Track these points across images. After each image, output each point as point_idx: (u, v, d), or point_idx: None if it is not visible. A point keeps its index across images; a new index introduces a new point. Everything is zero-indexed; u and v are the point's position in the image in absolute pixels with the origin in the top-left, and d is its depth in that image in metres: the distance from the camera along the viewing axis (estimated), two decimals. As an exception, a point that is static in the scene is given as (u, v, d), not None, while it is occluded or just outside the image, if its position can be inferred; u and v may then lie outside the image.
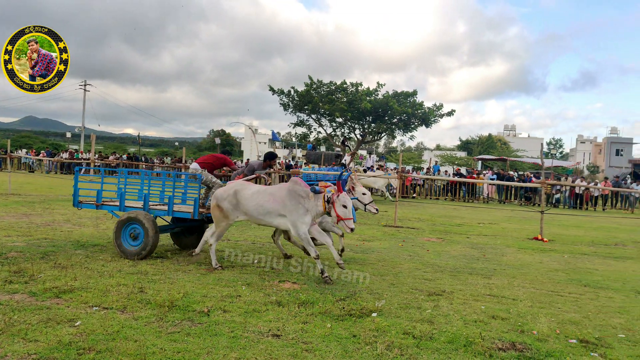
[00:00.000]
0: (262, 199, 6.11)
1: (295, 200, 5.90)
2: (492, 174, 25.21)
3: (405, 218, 13.56)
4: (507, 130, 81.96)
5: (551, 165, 29.75)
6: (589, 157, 74.75)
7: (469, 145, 61.24)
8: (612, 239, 11.49)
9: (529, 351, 3.84)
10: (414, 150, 72.07)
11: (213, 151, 72.20)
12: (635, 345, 4.12)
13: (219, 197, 6.33)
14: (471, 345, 3.88)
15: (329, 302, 4.87)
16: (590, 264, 8.01)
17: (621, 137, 65.78)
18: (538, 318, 4.70)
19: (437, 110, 28.76)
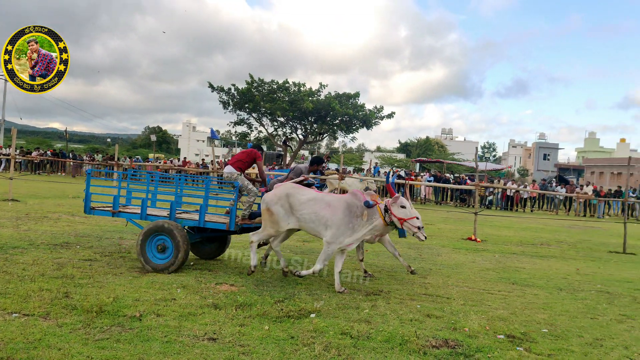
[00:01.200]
0: (318, 207, 5.74)
1: (349, 217, 5.63)
2: (430, 176, 26.15)
3: (345, 219, 13.74)
4: (445, 134, 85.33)
5: (485, 168, 31.31)
6: (519, 160, 79.39)
7: (408, 147, 63.15)
8: (538, 238, 12.28)
9: (461, 347, 4.02)
10: (355, 152, 73.38)
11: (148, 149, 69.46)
12: (557, 339, 4.43)
13: (269, 200, 5.91)
14: (406, 344, 4.01)
15: (267, 303, 4.86)
16: (519, 263, 8.52)
17: (548, 142, 70.42)
18: (470, 315, 4.94)
19: (378, 112, 29.47)
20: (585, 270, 8.16)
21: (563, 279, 7.32)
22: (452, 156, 53.16)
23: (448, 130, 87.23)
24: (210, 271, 6.22)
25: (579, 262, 9.11)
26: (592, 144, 78.89)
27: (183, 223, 6.25)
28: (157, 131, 79.98)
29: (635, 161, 41.44)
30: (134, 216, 6.52)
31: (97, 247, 7.41)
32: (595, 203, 22.34)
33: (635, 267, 8.83)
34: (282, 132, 31.78)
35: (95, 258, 6.58)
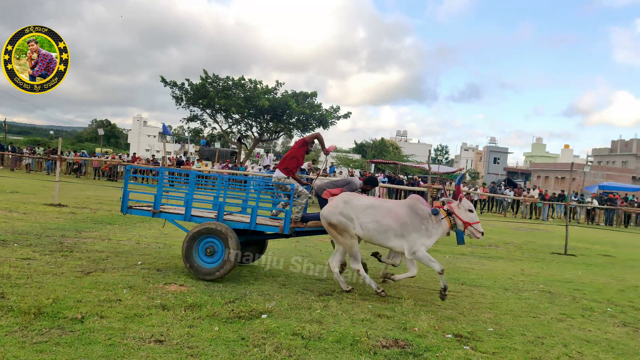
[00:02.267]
0: (379, 214, 5.60)
1: (417, 220, 5.54)
2: (384, 177, 26.57)
3: (299, 218, 13.76)
4: (400, 136, 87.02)
5: (438, 170, 32.16)
6: (471, 163, 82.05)
7: (364, 148, 63.94)
8: (487, 240, 12.74)
9: (410, 347, 4.12)
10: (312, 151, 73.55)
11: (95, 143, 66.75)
12: (502, 338, 4.62)
13: (327, 214, 5.75)
14: (357, 344, 4.07)
15: (217, 304, 4.80)
16: (468, 264, 8.81)
17: (499, 146, 73.14)
18: (419, 315, 5.07)
19: (335, 112, 29.67)
20: (529, 271, 8.54)
21: (509, 279, 7.64)
22: (406, 158, 54.26)
23: (403, 132, 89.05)
24: (160, 271, 6.07)
25: (524, 263, 9.53)
26: (539, 149, 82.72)
27: (231, 225, 5.98)
28: (105, 125, 77.17)
29: (578, 167, 43.79)
30: (177, 217, 6.20)
31: (36, 245, 7.07)
32: (541, 206, 23.42)
33: (575, 268, 9.32)
34: (237, 129, 31.43)
35: (34, 257, 6.27)
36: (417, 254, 5.49)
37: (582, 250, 12.32)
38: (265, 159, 29.50)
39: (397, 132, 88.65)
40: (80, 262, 6.16)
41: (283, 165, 6.59)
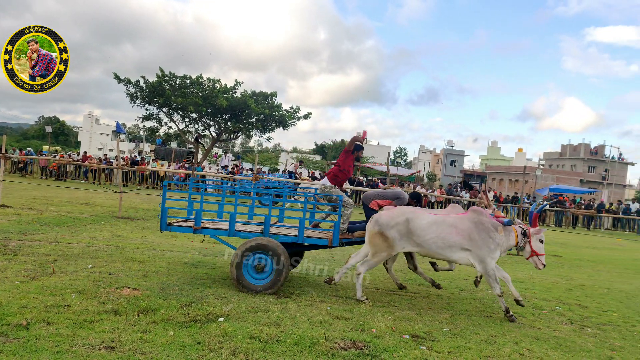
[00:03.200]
0: (443, 230, 5.60)
1: (484, 234, 5.55)
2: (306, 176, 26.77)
3: (258, 220, 13.68)
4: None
5: (396, 172, 32.70)
6: (428, 166, 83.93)
7: (325, 149, 64.26)
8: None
9: (368, 348, 4.18)
10: (271, 152, 73.26)
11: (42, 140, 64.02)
12: (457, 337, 4.75)
13: (384, 223, 5.66)
14: (315, 346, 4.09)
15: (172, 308, 4.71)
16: (425, 265, 8.98)
17: (456, 149, 75.20)
18: (377, 317, 5.14)
19: (295, 112, 29.65)
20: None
21: (464, 279, 7.86)
22: (366, 159, 54.91)
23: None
24: (112, 274, 5.90)
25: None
26: (494, 152, 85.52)
27: (279, 239, 5.85)
28: (54, 122, 74.17)
29: (530, 170, 45.58)
30: (221, 232, 5.99)
31: (-23, 248, 6.71)
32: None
33: (526, 268, 9.68)
34: (195, 129, 30.89)
35: (-26, 261, 5.95)
36: (488, 270, 5.55)
37: (534, 250, 12.81)
38: (224, 159, 29.13)
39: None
40: (25, 265, 5.90)
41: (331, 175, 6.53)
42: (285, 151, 72.04)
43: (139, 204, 14.79)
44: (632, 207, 27.35)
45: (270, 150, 77.93)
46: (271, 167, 40.86)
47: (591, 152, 59.75)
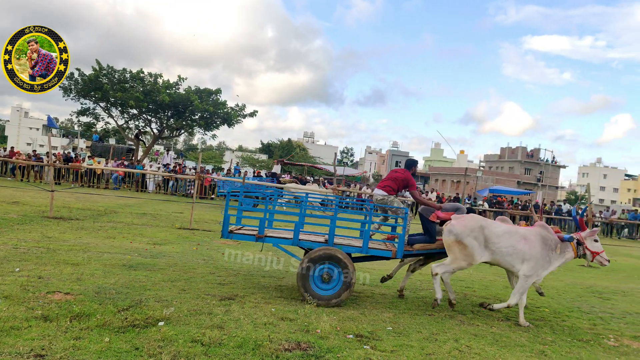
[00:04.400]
0: (515, 240, 5.81)
1: (546, 250, 5.81)
2: (291, 178, 26.81)
3: (202, 220, 13.45)
4: (307, 137, 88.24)
5: (343, 172, 33.10)
6: (375, 166, 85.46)
7: (271, 148, 63.99)
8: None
9: (312, 349, 4.20)
10: (216, 150, 72.03)
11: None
12: (400, 336, 4.87)
13: (459, 232, 5.75)
14: (259, 348, 4.07)
15: (109, 313, 4.54)
16: (370, 265, 9.13)
17: (401, 150, 77.15)
18: (322, 317, 5.18)
19: (240, 110, 29.34)
20: (426, 271, 9.06)
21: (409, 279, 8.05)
22: (313, 159, 55.17)
23: (310, 133, 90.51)
24: (41, 278, 5.60)
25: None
26: (437, 154, 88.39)
27: (343, 249, 5.85)
28: (-23, 114, 69.29)
29: (471, 171, 47.43)
30: (284, 241, 5.99)
31: None
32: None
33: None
34: (135, 125, 29.87)
35: None
36: (526, 284, 5.79)
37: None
38: (166, 157, 28.31)
39: (305, 133, 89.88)
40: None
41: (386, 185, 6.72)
42: (230, 149, 71.04)
43: (73, 203, 14.13)
44: (563, 207, 29.10)
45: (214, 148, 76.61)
46: (215, 166, 40.13)
47: (528, 155, 63.00)
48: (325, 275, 5.72)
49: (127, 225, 11.06)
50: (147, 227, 11.03)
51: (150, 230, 10.56)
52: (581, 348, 5.12)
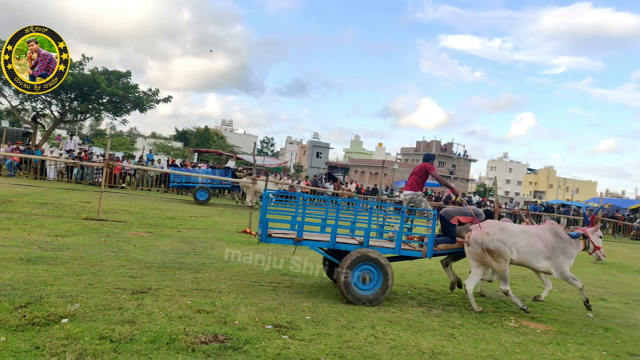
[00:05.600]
0: (532, 239, 6.26)
1: (563, 244, 6.31)
2: (208, 167, 26.23)
3: (111, 210, 12.80)
4: (225, 125, 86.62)
5: (263, 162, 32.90)
6: (295, 156, 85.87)
7: (187, 135, 62.09)
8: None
9: (230, 341, 4.19)
10: (126, 136, 68.56)
11: None
12: (318, 324, 4.98)
13: (484, 240, 6.18)
14: (174, 342, 3.98)
15: (4, 310, 4.22)
16: (290, 255, 9.23)
17: (321, 141, 77.98)
18: (240, 308, 5.17)
19: (153, 95, 28.17)
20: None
21: (326, 268, 8.23)
22: (231, 148, 54.30)
23: (229, 121, 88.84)
24: None
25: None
26: (357, 146, 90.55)
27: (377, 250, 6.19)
28: None
29: (389, 163, 49.19)
30: (322, 244, 6.28)
31: None
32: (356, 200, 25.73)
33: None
34: (32, 106, 27.66)
35: None
36: (564, 274, 6.31)
37: (390, 240, 13.89)
38: (69, 142, 26.49)
39: (223, 121, 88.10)
40: None
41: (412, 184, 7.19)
42: (143, 136, 67.89)
43: (-41, 192, 12.86)
44: (473, 199, 31.02)
45: (125, 134, 72.85)
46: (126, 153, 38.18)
47: (442, 148, 66.42)
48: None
49: (25, 215, 10.27)
50: (48, 218, 10.31)
51: (52, 221, 9.88)
52: (486, 330, 5.53)
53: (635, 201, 46.54)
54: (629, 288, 9.70)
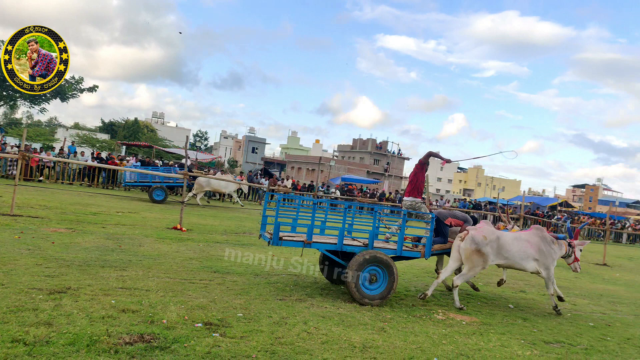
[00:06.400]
0: (522, 244, 6.98)
1: (548, 247, 7.06)
2: (137, 161, 25.28)
3: (26, 205, 12.03)
4: (156, 117, 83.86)
5: (196, 157, 32.14)
6: (230, 151, 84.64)
7: (114, 127, 59.49)
8: (242, 227, 13.40)
9: (157, 340, 4.06)
10: (45, 126, 64.61)
11: None
12: (250, 321, 4.95)
13: (480, 241, 6.75)
14: (95, 344, 3.81)
15: None
16: (222, 252, 9.11)
17: (257, 136, 77.39)
18: (169, 307, 5.03)
19: (77, 83, 26.78)
20: (279, 256, 9.32)
21: (260, 265, 8.20)
22: (162, 142, 52.64)
23: (160, 114, 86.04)
24: None
25: (275, 249, 10.34)
26: (294, 142, 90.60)
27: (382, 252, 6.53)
28: None
29: (325, 160, 49.62)
30: (330, 247, 6.56)
31: None
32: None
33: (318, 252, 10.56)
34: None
35: None
36: (549, 273, 7.04)
37: (325, 236, 14.01)
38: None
39: (154, 114, 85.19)
40: None
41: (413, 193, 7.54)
42: (64, 127, 64.14)
43: None
44: (407, 196, 31.83)
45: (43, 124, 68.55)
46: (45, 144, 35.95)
47: (377, 146, 67.86)
48: (371, 276, 6.34)
49: None
50: (-45, 213, 9.54)
51: (-41, 217, 9.15)
52: (415, 323, 5.73)
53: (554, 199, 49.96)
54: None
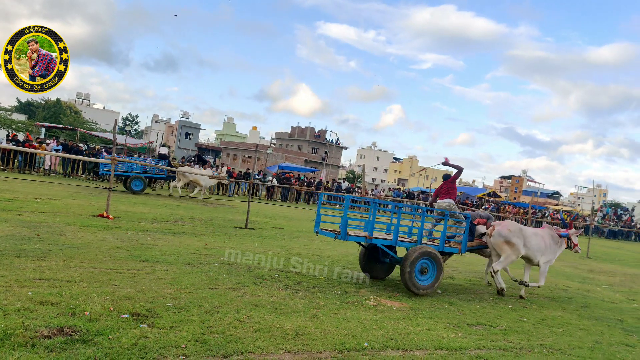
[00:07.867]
0: (539, 240, 8.20)
1: (555, 244, 8.36)
2: (58, 145, 23.95)
3: None
4: (81, 98, 79.76)
5: (125, 141, 30.91)
6: (162, 136, 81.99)
7: (32, 108, 55.99)
8: (173, 215, 13.07)
9: (79, 333, 3.91)
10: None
11: None
12: (180, 311, 4.86)
13: (507, 234, 7.96)
14: (10, 338, 3.61)
15: None
16: (152, 240, 8.85)
17: (192, 122, 75.48)
18: (92, 298, 4.85)
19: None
20: (212, 245, 9.20)
21: (192, 254, 8.05)
22: (87, 124, 50.21)
23: (85, 95, 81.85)
24: None
25: (208, 237, 10.20)
26: (230, 128, 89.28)
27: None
28: None
29: (263, 147, 49.29)
30: (386, 242, 7.45)
31: None
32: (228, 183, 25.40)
33: (253, 240, 10.54)
34: None
35: None
36: (547, 266, 8.32)
37: (261, 224, 14.00)
38: None
39: (78, 94, 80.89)
40: None
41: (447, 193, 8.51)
42: (-23, 106, 59.61)
43: None
44: (342, 185, 32.44)
45: (-49, 103, 63.32)
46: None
47: (315, 135, 68.22)
48: (423, 268, 7.25)
49: None
50: None
51: None
52: (347, 309, 5.86)
53: (482, 189, 52.44)
54: (472, 267, 10.94)
